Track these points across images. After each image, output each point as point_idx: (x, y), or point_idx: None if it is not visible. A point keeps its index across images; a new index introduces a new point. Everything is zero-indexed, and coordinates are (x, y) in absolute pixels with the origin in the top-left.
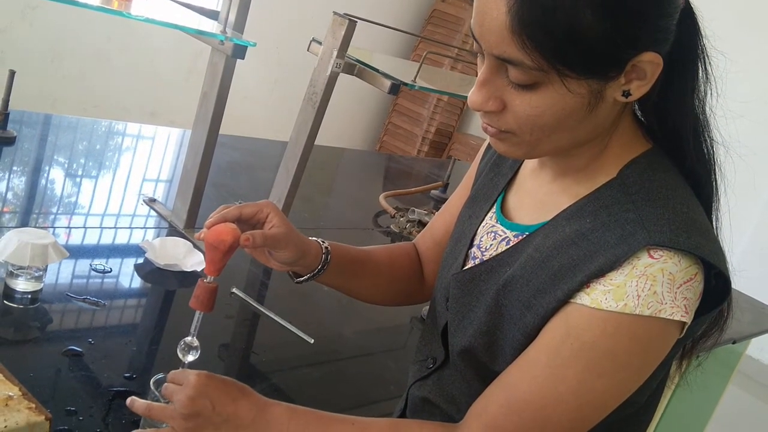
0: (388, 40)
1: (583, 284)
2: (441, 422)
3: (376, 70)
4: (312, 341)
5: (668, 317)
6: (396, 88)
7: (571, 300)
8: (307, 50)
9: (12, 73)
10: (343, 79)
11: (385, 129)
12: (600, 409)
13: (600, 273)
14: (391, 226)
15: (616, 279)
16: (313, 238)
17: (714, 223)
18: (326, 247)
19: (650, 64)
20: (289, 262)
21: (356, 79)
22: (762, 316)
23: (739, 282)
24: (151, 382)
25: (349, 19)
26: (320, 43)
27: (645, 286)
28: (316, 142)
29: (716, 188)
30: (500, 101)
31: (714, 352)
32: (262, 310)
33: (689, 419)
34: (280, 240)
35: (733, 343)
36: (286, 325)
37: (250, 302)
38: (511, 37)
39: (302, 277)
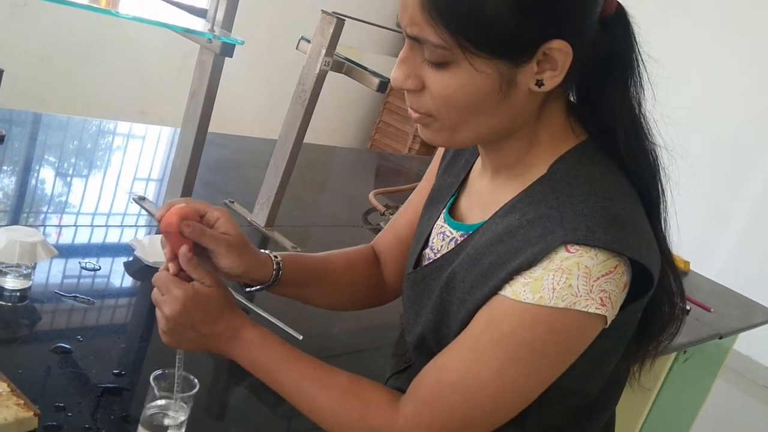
0: (380, 39)
1: (507, 279)
2: (391, 390)
3: (365, 68)
4: (301, 338)
5: (583, 309)
6: (384, 85)
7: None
8: (296, 48)
9: (0, 72)
10: (335, 77)
11: (376, 127)
12: (522, 395)
13: (521, 269)
14: (381, 224)
15: (535, 272)
16: (266, 252)
17: (661, 224)
18: (278, 263)
19: (559, 52)
20: (233, 273)
21: (347, 77)
22: (748, 312)
23: (727, 279)
24: (151, 378)
25: (338, 18)
26: (309, 42)
27: (560, 280)
28: (306, 140)
29: (662, 190)
30: (419, 80)
31: (701, 348)
32: (250, 306)
33: (677, 414)
34: (221, 243)
35: (720, 338)
36: (274, 322)
37: (239, 298)
38: (422, 13)
39: (252, 287)
